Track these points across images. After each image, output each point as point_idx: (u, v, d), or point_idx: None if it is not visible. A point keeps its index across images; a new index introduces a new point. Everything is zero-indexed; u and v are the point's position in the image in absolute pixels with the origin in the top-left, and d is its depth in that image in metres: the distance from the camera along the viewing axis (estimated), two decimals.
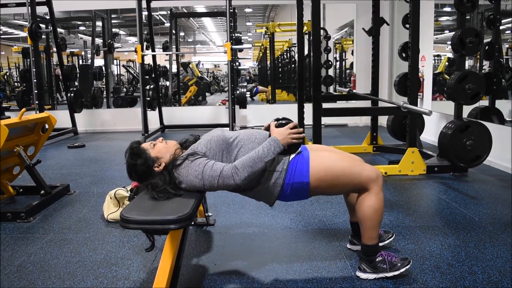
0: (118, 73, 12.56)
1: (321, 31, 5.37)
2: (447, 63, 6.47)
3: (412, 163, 3.62)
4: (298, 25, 4.55)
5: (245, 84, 11.36)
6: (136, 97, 9.11)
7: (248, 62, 20.17)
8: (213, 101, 11.56)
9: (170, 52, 8.81)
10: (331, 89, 8.89)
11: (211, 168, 1.64)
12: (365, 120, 6.91)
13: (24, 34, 6.43)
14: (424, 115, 4.17)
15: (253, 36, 18.56)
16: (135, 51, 5.69)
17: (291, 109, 6.03)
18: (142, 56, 5.43)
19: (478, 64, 5.25)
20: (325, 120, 6.47)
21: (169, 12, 8.55)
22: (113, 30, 9.98)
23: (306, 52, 7.57)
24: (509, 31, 5.17)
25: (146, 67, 7.56)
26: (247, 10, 13.54)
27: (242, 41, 6.69)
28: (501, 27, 4.34)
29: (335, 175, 1.73)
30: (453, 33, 3.36)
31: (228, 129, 1.89)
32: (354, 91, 5.17)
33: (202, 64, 16.77)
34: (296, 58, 5.12)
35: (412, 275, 1.85)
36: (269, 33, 9.32)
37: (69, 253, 2.18)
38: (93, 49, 8.94)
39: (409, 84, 3.63)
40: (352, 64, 8.06)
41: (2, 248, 2.26)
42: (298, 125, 1.75)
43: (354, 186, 1.76)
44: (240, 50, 7.15)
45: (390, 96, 6.43)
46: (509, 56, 5.00)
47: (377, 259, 1.81)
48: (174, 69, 9.58)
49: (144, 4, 6.07)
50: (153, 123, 6.48)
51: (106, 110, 8.14)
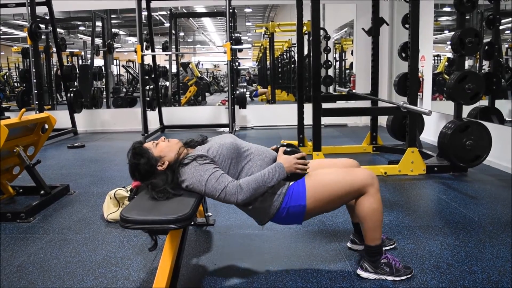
0: (118, 73, 12.59)
1: (321, 31, 5.36)
2: (447, 63, 6.47)
3: (412, 163, 3.62)
4: (298, 25, 4.55)
5: (245, 85, 11.35)
6: (136, 97, 9.12)
7: (248, 62, 20.19)
8: (213, 101, 11.56)
9: (170, 52, 8.81)
10: (331, 89, 8.89)
11: (217, 180, 1.64)
12: (365, 120, 6.91)
13: (24, 34, 6.44)
14: (424, 115, 4.17)
15: (253, 36, 18.58)
16: (135, 51, 5.69)
17: (291, 109, 6.05)
18: (142, 56, 5.42)
19: (478, 64, 5.25)
20: (325, 120, 6.46)
21: (169, 12, 8.55)
22: (113, 30, 9.99)
23: (306, 52, 7.57)
24: (509, 31, 5.18)
25: (146, 67, 7.59)
26: (247, 10, 13.55)
27: (242, 41, 6.71)
28: (501, 27, 4.35)
29: (331, 190, 1.74)
30: (453, 33, 3.36)
31: (235, 136, 1.89)
32: (354, 91, 5.17)
33: (202, 64, 16.75)
34: (296, 58, 5.12)
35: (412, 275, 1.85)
36: (269, 33, 9.31)
37: (69, 253, 2.18)
38: (93, 49, 8.94)
39: (409, 84, 3.63)
40: (352, 64, 8.06)
41: (2, 248, 2.26)
42: (306, 157, 1.79)
43: (352, 196, 1.76)
44: (240, 50, 7.16)
45: (390, 96, 6.43)
46: (509, 56, 5.01)
47: (382, 261, 1.81)
48: (174, 69, 9.59)
49: (144, 4, 6.06)
50: (153, 123, 6.47)
51: (106, 110, 8.14)
